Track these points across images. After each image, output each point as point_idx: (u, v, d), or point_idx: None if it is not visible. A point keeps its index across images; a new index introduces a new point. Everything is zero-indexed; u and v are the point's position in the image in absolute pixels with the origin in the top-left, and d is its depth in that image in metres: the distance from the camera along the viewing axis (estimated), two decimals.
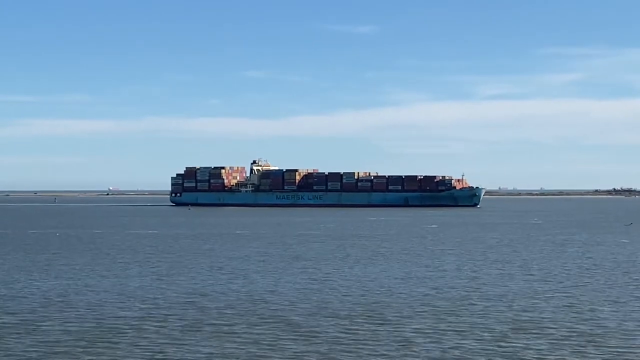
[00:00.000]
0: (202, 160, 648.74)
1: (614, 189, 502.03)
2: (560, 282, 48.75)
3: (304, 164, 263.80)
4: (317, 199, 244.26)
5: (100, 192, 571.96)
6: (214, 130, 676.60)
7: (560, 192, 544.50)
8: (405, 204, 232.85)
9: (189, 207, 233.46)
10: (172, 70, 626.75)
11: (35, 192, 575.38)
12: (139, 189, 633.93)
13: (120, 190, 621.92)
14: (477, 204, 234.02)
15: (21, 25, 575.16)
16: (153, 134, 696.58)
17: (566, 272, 54.36)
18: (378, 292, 44.45)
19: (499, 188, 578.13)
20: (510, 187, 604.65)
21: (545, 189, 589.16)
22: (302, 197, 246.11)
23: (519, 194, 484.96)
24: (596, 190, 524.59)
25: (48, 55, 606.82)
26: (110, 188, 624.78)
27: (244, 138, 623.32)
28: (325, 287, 46.89)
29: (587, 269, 56.78)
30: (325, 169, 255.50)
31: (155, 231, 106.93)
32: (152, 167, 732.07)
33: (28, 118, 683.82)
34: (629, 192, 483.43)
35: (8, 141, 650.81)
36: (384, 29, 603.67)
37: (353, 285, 47.70)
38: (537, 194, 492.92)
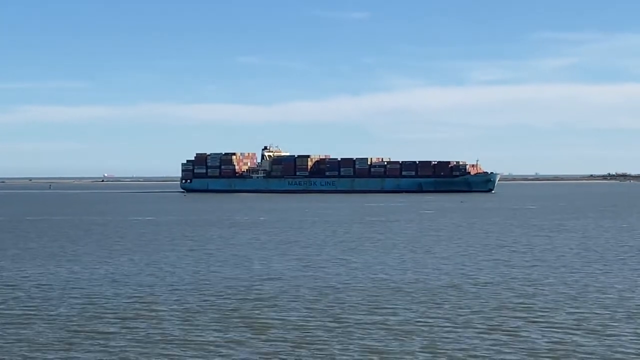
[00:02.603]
0: (200, 146, 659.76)
1: (609, 174, 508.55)
2: None
3: (300, 149, 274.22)
4: (330, 184, 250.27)
5: (95, 179, 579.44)
6: (210, 117, 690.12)
7: (555, 177, 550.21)
8: (419, 189, 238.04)
9: (185, 194, 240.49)
10: (166, 56, 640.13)
11: (30, 179, 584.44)
12: (134, 176, 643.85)
13: (115, 177, 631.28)
14: (492, 190, 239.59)
15: (16, 12, 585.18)
16: (148, 120, 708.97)
17: None
18: (370, 278, 45.46)
19: None
20: (505, 172, 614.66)
21: (540, 174, 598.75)
22: (314, 183, 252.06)
23: (514, 179, 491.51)
24: (591, 175, 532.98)
25: (43, 42, 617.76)
26: (105, 174, 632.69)
27: (238, 124, 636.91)
28: (318, 273, 48.08)
29: None
30: (321, 154, 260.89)
31: (154, 217, 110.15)
32: (147, 153, 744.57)
33: (23, 105, 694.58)
34: (624, 176, 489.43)
35: (3, 128, 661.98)
36: (377, 15, 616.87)
37: (345, 271, 48.69)
38: (532, 179, 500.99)
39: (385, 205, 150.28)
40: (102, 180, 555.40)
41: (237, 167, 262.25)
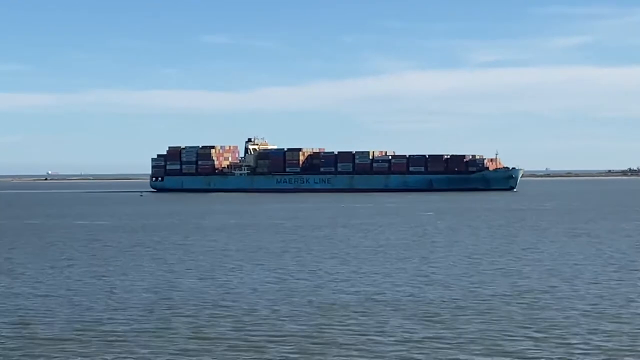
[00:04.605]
0: (163, 138, 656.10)
1: (630, 169, 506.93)
2: None
3: (278, 141, 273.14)
4: (325, 182, 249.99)
5: (38, 177, 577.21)
6: (171, 104, 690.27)
7: (569, 173, 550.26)
8: (430, 187, 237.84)
9: (141, 194, 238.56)
10: (118, 35, 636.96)
11: None
12: (82, 173, 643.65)
13: (61, 175, 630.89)
14: (514, 188, 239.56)
15: None
16: (99, 109, 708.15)
17: None
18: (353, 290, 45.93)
19: None
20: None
21: (551, 169, 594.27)
22: (307, 181, 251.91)
23: (522, 176, 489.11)
24: (609, 171, 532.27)
25: None
26: (49, 172, 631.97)
27: (204, 113, 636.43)
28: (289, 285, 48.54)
29: None
30: (298, 147, 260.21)
31: (106, 222, 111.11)
32: (100, 147, 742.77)
33: None
34: None
35: None
36: None
37: (327, 284, 49.20)
38: (541, 176, 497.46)
39: (378, 207, 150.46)
40: (46, 179, 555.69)
41: (216, 163, 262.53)
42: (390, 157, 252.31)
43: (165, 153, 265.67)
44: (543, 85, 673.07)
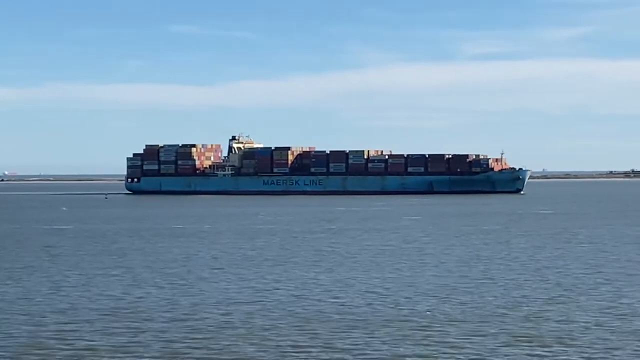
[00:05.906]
0: (137, 137, 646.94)
1: (632, 171, 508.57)
2: None
3: (261, 140, 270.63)
4: (316, 184, 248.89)
5: None
6: (137, 99, 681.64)
7: (567, 174, 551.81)
8: (430, 190, 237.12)
9: (106, 196, 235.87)
10: (77, 24, 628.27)
11: None
12: (42, 174, 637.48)
13: (19, 176, 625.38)
14: (521, 190, 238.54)
15: None
16: (57, 104, 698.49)
17: None
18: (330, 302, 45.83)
19: None
20: None
21: (548, 170, 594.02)
22: (296, 183, 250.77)
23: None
24: (611, 172, 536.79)
25: None
26: (6, 172, 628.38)
27: (176, 108, 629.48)
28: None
29: None
30: (276, 145, 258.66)
31: (68, 226, 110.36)
32: (61, 146, 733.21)
33: None
34: None
35: None
36: None
37: (306, 295, 49.11)
38: (538, 177, 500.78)
39: (368, 210, 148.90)
40: (2, 180, 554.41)
41: (197, 163, 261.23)
42: (386, 157, 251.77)
43: (142, 152, 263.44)
44: (540, 80, 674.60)
